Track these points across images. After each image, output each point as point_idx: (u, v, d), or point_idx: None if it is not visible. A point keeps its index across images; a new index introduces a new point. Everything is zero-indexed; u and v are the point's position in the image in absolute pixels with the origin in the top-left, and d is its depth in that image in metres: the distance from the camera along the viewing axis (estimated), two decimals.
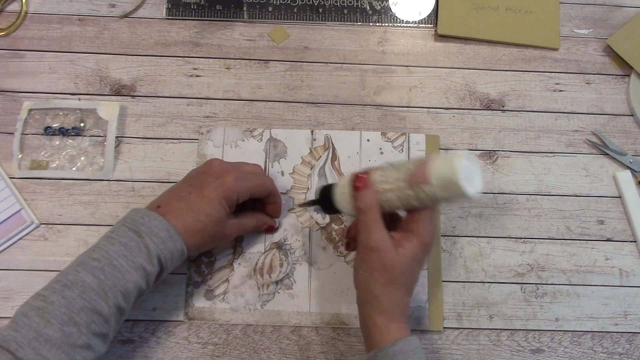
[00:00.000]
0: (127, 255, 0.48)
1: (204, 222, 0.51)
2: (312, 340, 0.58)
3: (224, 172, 0.53)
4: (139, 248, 0.48)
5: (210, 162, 0.55)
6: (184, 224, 0.50)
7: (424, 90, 0.67)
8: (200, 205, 0.51)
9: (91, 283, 0.46)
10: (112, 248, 0.48)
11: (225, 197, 0.52)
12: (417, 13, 0.70)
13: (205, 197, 0.52)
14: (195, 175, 0.55)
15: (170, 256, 0.50)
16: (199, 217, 0.51)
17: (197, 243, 0.52)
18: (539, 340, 0.58)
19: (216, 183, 0.53)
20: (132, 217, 0.50)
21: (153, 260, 0.48)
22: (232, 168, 0.55)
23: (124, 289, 0.47)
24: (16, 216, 0.60)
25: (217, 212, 0.52)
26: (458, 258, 0.61)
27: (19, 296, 0.58)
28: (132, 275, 0.48)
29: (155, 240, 0.49)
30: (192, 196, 0.52)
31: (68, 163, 0.62)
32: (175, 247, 0.50)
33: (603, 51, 0.69)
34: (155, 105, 0.65)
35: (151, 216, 0.50)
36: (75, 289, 0.46)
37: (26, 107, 0.63)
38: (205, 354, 0.57)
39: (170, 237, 0.49)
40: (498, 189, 0.64)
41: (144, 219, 0.50)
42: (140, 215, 0.50)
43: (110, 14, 0.68)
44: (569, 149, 0.65)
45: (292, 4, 0.69)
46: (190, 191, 0.52)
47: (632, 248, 0.62)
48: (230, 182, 0.53)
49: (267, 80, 0.67)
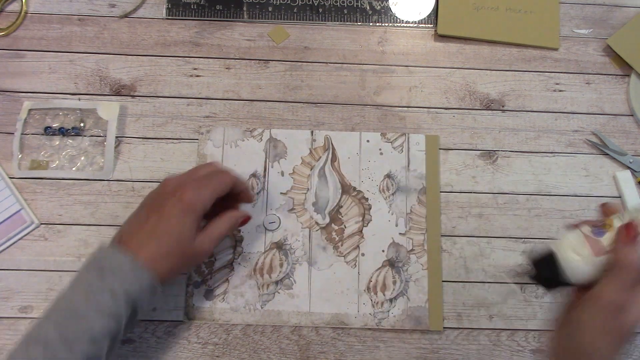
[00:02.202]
0: (89, 299, 0.45)
1: (169, 244, 0.48)
2: (312, 340, 0.58)
3: (179, 187, 0.50)
4: (101, 290, 0.45)
5: (165, 182, 0.52)
6: (147, 253, 0.48)
7: (424, 90, 0.67)
8: (161, 228, 0.49)
9: (53, 336, 0.43)
10: (75, 293, 0.46)
11: (187, 211, 0.49)
12: (417, 13, 0.70)
13: (165, 218, 0.49)
14: (152, 198, 0.52)
15: (140, 290, 0.47)
16: (161, 241, 0.48)
17: (167, 269, 0.49)
18: (539, 340, 0.58)
19: (173, 200, 0.50)
20: (95, 255, 0.48)
21: (119, 300, 0.46)
22: (187, 180, 0.52)
23: (90, 336, 0.44)
24: (16, 216, 0.60)
25: (181, 230, 0.49)
26: (458, 258, 0.61)
27: (19, 296, 0.58)
28: (97, 321, 0.45)
29: (119, 278, 0.46)
30: (151, 221, 0.49)
31: (68, 163, 0.62)
32: (142, 281, 0.47)
33: (603, 51, 0.69)
34: (155, 105, 0.65)
35: (112, 252, 0.47)
36: (38, 346, 0.43)
37: (26, 107, 0.63)
38: (205, 354, 0.57)
39: (134, 270, 0.47)
40: (498, 189, 0.64)
41: (107, 256, 0.47)
42: (103, 252, 0.48)
43: (110, 14, 0.68)
44: (569, 149, 0.65)
45: (292, 4, 0.69)
46: (149, 216, 0.50)
47: None
48: (189, 194, 0.50)
49: (267, 80, 0.67)
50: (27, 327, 0.45)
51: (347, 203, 0.62)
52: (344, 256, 0.60)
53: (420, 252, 0.60)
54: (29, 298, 0.58)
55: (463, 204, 0.63)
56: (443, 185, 0.63)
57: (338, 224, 0.61)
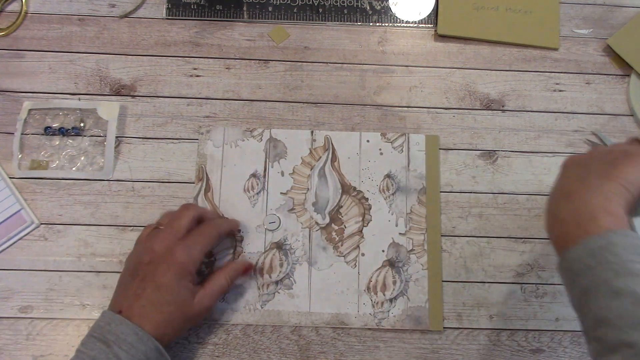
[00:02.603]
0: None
1: (170, 311, 0.50)
2: (312, 340, 0.58)
3: (169, 250, 0.51)
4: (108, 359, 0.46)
5: (150, 247, 0.52)
6: (150, 321, 0.49)
7: (424, 90, 0.67)
8: (159, 296, 0.49)
9: None
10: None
11: (182, 275, 0.51)
12: (417, 13, 0.70)
13: (161, 287, 0.50)
14: (141, 268, 0.51)
15: (146, 358, 0.47)
16: (162, 308, 0.49)
17: (171, 334, 0.50)
18: (539, 340, 0.58)
19: (165, 266, 0.50)
20: (99, 324, 0.48)
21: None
22: (172, 239, 0.52)
23: None
24: (16, 216, 0.60)
25: (178, 296, 0.50)
26: (458, 258, 0.61)
27: (19, 296, 0.58)
28: None
29: (125, 347, 0.47)
30: (147, 291, 0.50)
31: (68, 163, 0.62)
32: (147, 348, 0.48)
33: (603, 51, 0.69)
34: (155, 105, 0.65)
35: (116, 321, 0.48)
36: None
37: (26, 107, 0.63)
38: (205, 354, 0.57)
39: (140, 340, 0.47)
40: (498, 189, 0.64)
41: (110, 326, 0.48)
42: (106, 321, 0.48)
43: (110, 14, 0.68)
44: (569, 149, 0.65)
45: (292, 4, 0.69)
46: (144, 287, 0.50)
47: None
48: (180, 258, 0.51)
49: (267, 80, 0.67)
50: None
51: (347, 203, 0.62)
52: (344, 256, 0.60)
53: (420, 252, 0.60)
54: (29, 298, 0.58)
55: (463, 204, 0.63)
56: (443, 185, 0.63)
57: (338, 224, 0.61)
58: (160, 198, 0.62)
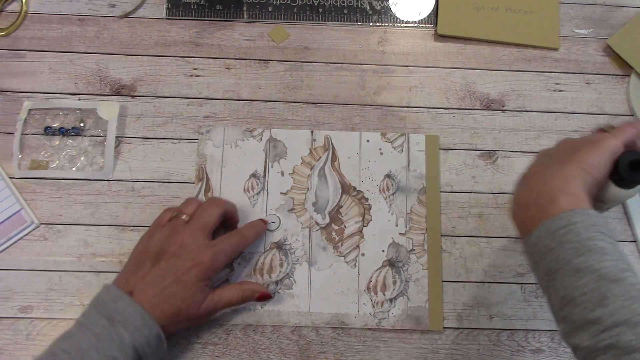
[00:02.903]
0: (98, 347, 0.45)
1: (180, 307, 0.50)
2: (312, 340, 0.58)
3: (198, 250, 0.51)
4: (111, 339, 0.46)
5: (180, 241, 0.52)
6: (159, 311, 0.49)
7: (424, 90, 0.67)
8: (175, 290, 0.50)
9: None
10: (83, 339, 0.46)
11: (203, 279, 0.51)
12: (417, 13, 0.70)
13: (180, 283, 0.50)
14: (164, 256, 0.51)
15: (147, 343, 0.47)
16: (174, 302, 0.50)
17: (172, 327, 0.51)
18: (539, 340, 0.58)
19: (192, 265, 0.51)
20: (104, 300, 0.48)
21: (127, 351, 0.46)
22: (202, 240, 0.52)
23: None
24: (16, 216, 0.60)
25: (193, 295, 0.51)
26: (458, 258, 0.61)
27: (19, 296, 0.58)
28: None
29: (129, 329, 0.46)
30: (166, 282, 0.50)
31: (68, 163, 0.62)
32: (151, 334, 0.48)
33: (603, 51, 0.69)
34: (155, 105, 0.65)
35: (125, 301, 0.48)
36: None
37: (26, 107, 0.63)
38: (205, 354, 0.57)
39: (146, 325, 0.47)
40: (498, 189, 0.64)
41: (117, 304, 0.47)
42: (113, 298, 0.48)
43: (110, 14, 0.68)
44: None
45: (292, 4, 0.69)
46: (164, 276, 0.50)
47: (632, 248, 0.62)
48: (207, 261, 0.51)
49: (267, 80, 0.67)
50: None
51: (347, 203, 0.62)
52: (344, 256, 0.60)
53: (420, 252, 0.60)
54: (29, 298, 0.58)
55: (463, 204, 0.63)
56: (443, 185, 0.63)
57: (338, 224, 0.61)
58: (160, 198, 0.62)
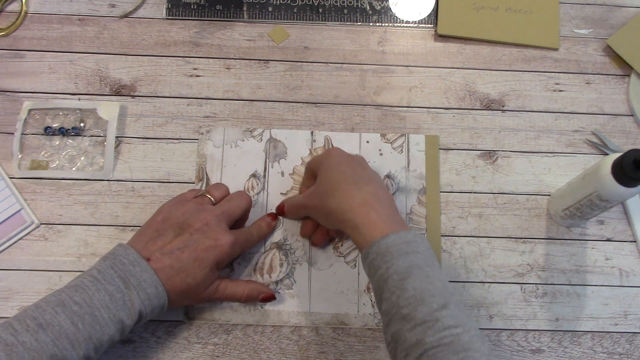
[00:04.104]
0: (110, 307, 0.46)
1: (190, 284, 0.50)
2: (312, 340, 0.58)
3: (221, 234, 0.52)
4: (123, 301, 0.47)
5: (206, 219, 0.52)
6: (171, 283, 0.49)
7: (424, 90, 0.67)
8: (190, 266, 0.50)
9: (67, 330, 0.44)
10: (97, 295, 0.46)
11: (219, 261, 0.52)
12: (417, 13, 0.70)
13: (197, 260, 0.50)
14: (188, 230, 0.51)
15: (151, 310, 0.49)
16: (187, 279, 0.50)
17: (176, 301, 0.51)
18: (539, 340, 0.58)
19: (212, 246, 0.51)
20: (121, 260, 0.48)
21: (134, 315, 0.47)
22: (225, 226, 0.53)
23: (98, 341, 0.45)
24: (16, 216, 0.60)
25: (205, 276, 0.51)
26: (458, 258, 0.61)
27: (19, 296, 0.58)
28: (110, 329, 0.46)
29: (142, 295, 0.47)
30: (185, 255, 0.50)
31: (68, 163, 0.62)
32: (158, 303, 0.49)
33: (603, 51, 0.69)
34: (155, 105, 0.65)
35: (142, 267, 0.48)
36: (49, 333, 0.43)
37: (26, 107, 0.63)
38: (205, 354, 0.57)
39: (157, 294, 0.48)
40: (498, 189, 0.64)
41: (134, 268, 0.48)
42: (131, 260, 0.48)
43: (110, 14, 0.68)
44: (569, 149, 0.65)
45: (292, 4, 0.69)
46: (183, 249, 0.50)
47: (632, 248, 0.62)
48: (226, 246, 0.51)
49: (267, 80, 0.67)
50: None
51: None
52: (344, 256, 0.60)
53: None
54: (29, 298, 0.58)
55: (463, 204, 0.63)
56: (443, 185, 0.63)
57: None
58: (160, 198, 0.61)
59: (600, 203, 0.53)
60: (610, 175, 0.50)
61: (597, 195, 0.52)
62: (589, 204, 0.54)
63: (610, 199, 0.52)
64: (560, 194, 0.60)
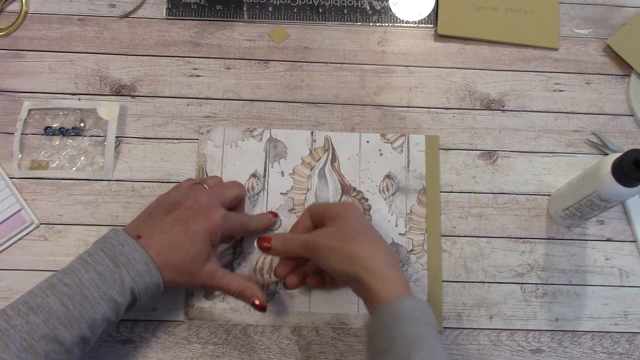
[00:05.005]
0: (99, 285, 0.46)
1: (183, 259, 0.50)
2: (312, 340, 0.58)
3: (212, 208, 0.52)
4: (113, 279, 0.46)
5: (196, 197, 0.52)
6: (163, 259, 0.49)
7: (424, 90, 0.67)
8: (182, 240, 0.50)
9: (58, 310, 0.44)
10: (86, 275, 0.46)
11: (211, 235, 0.51)
12: (417, 13, 0.70)
13: (189, 233, 0.50)
14: (178, 208, 0.52)
15: (145, 289, 0.48)
16: (179, 253, 0.49)
17: (172, 279, 0.50)
18: (539, 340, 0.58)
19: (203, 219, 0.51)
20: (111, 241, 0.48)
21: (126, 293, 0.47)
22: (218, 202, 0.53)
23: (91, 320, 0.45)
24: (16, 216, 0.60)
25: (198, 249, 0.50)
26: (458, 258, 0.61)
27: (19, 296, 0.57)
28: (102, 307, 0.46)
29: (132, 272, 0.47)
30: (175, 230, 0.50)
31: (68, 163, 0.62)
32: (151, 281, 0.48)
33: (603, 51, 0.69)
34: (155, 105, 0.65)
35: (131, 245, 0.48)
36: (40, 314, 0.44)
37: (26, 107, 0.63)
38: (205, 354, 0.57)
39: (148, 271, 0.48)
40: (498, 189, 0.64)
41: (124, 247, 0.48)
42: (120, 241, 0.48)
43: (110, 14, 0.68)
44: (569, 149, 0.65)
45: (292, 4, 0.69)
46: (173, 224, 0.50)
47: (632, 248, 0.62)
48: (217, 220, 0.51)
49: (267, 80, 0.67)
50: None
51: None
52: None
53: (420, 252, 0.60)
54: None
55: (463, 204, 0.63)
56: (443, 185, 0.63)
57: None
58: None
59: (600, 203, 0.53)
60: (610, 175, 0.50)
61: (597, 195, 0.52)
62: (589, 204, 0.54)
63: (610, 199, 0.52)
64: (560, 194, 0.60)
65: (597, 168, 0.52)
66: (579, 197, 0.55)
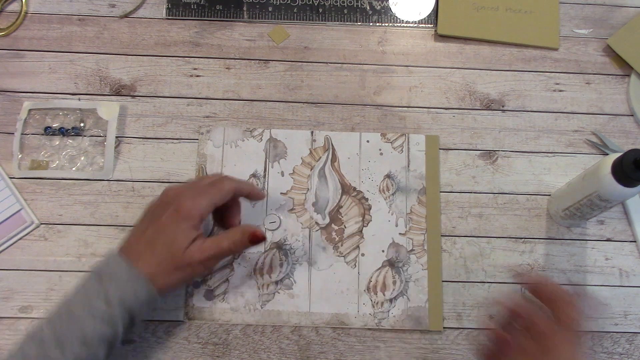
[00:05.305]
0: (85, 302, 0.47)
1: (162, 254, 0.49)
2: (312, 340, 0.58)
3: (178, 196, 0.51)
4: (97, 294, 0.47)
5: (165, 192, 0.52)
6: (145, 262, 0.49)
7: (424, 90, 0.67)
8: (156, 236, 0.50)
9: (47, 334, 0.46)
10: (74, 297, 0.48)
11: (182, 220, 0.50)
12: (417, 13, 0.70)
13: (161, 228, 0.50)
14: (151, 209, 0.52)
15: (135, 298, 0.48)
16: (155, 248, 0.49)
17: (163, 279, 0.49)
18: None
19: (170, 210, 0.50)
20: (100, 263, 0.50)
21: (113, 306, 0.47)
22: (186, 189, 0.52)
23: (81, 337, 0.46)
24: (16, 216, 0.60)
25: (174, 239, 0.49)
26: (458, 258, 0.61)
27: (19, 296, 0.58)
28: (90, 323, 0.46)
29: (115, 284, 0.47)
30: (149, 231, 0.50)
31: (68, 163, 0.62)
32: (137, 286, 0.48)
33: (603, 51, 0.69)
34: (155, 105, 0.65)
35: (113, 260, 0.49)
36: (33, 343, 0.46)
37: (26, 107, 0.63)
38: (205, 354, 0.57)
39: (130, 277, 0.48)
40: (498, 189, 0.64)
41: (107, 262, 0.49)
42: (107, 260, 0.50)
43: (110, 14, 0.68)
44: (569, 149, 0.65)
45: (292, 4, 0.69)
46: (147, 226, 0.51)
47: (632, 248, 0.62)
48: (186, 203, 0.50)
49: (267, 80, 0.67)
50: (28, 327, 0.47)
51: (347, 203, 0.62)
52: (344, 256, 0.60)
53: (420, 252, 0.60)
54: (29, 298, 0.58)
55: (463, 204, 0.63)
56: (443, 185, 0.63)
57: (338, 224, 0.61)
58: None
59: (600, 203, 0.53)
60: (610, 175, 0.50)
61: (597, 195, 0.52)
62: (589, 204, 0.54)
63: (610, 199, 0.52)
64: (560, 194, 0.60)
65: (597, 168, 0.52)
66: (579, 197, 0.55)
